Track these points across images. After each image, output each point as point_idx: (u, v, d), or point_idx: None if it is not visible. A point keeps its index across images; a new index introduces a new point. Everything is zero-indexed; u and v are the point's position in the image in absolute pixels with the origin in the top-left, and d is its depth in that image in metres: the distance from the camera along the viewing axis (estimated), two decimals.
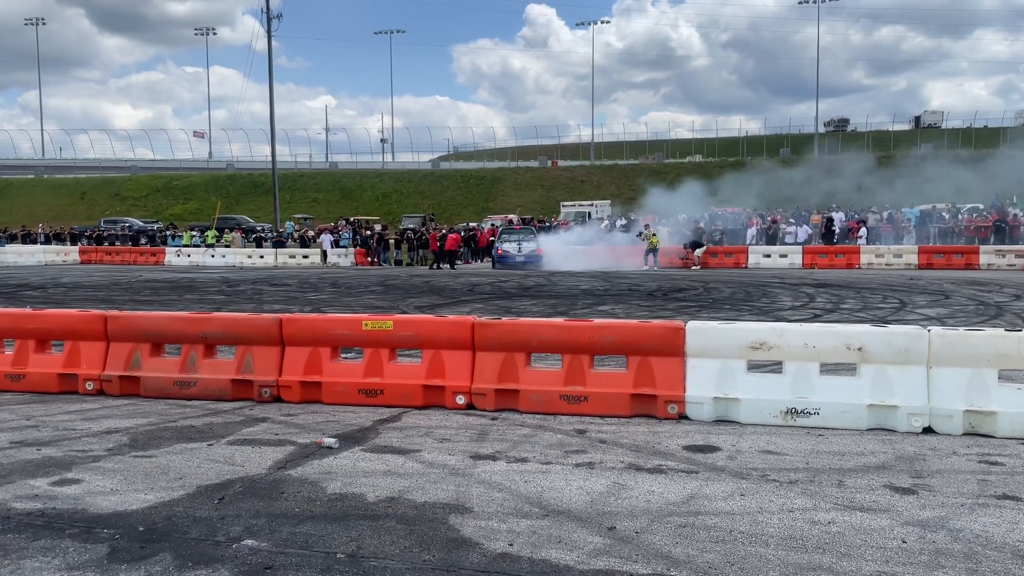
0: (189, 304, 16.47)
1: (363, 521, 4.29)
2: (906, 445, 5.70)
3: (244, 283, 22.73)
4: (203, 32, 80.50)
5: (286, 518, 4.35)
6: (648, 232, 27.98)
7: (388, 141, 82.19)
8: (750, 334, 6.47)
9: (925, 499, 4.59)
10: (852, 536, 4.04)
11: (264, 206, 54.81)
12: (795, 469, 5.19)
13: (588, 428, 6.24)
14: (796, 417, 6.22)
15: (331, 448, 5.70)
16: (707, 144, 75.54)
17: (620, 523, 4.24)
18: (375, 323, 7.17)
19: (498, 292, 18.85)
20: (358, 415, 6.70)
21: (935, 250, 26.51)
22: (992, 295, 16.38)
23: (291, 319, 7.41)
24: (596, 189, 58.55)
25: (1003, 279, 20.49)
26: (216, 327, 7.57)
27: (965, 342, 6.06)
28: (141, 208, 61.44)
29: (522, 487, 4.85)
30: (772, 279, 21.32)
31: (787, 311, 14.17)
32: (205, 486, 4.90)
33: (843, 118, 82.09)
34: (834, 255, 26.99)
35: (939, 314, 13.39)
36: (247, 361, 7.34)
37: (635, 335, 6.75)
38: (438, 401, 6.92)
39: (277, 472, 5.17)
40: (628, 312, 14.18)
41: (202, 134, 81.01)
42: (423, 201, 59.58)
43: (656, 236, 27.41)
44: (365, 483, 4.94)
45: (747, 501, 4.57)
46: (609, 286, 19.84)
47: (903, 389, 6.06)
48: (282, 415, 6.74)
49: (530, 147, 77.69)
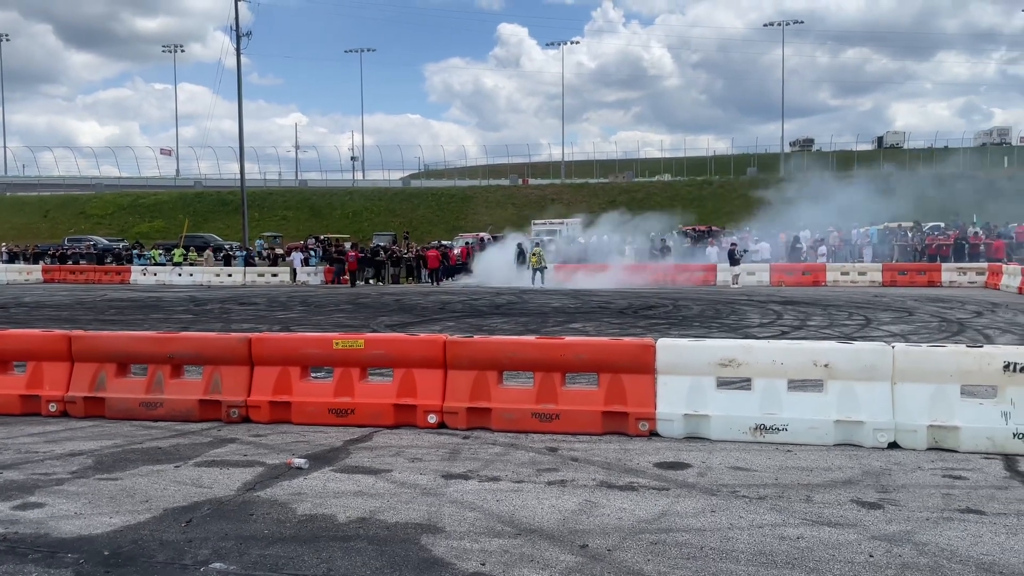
0: (155, 324, 16.24)
1: (334, 542, 4.25)
2: (872, 460, 5.78)
3: (212, 302, 22.47)
4: (171, 49, 79.91)
5: (255, 540, 4.29)
6: (538, 250, 28.84)
7: (358, 159, 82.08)
8: (719, 351, 6.54)
9: (891, 513, 4.66)
10: (820, 551, 4.09)
11: (233, 224, 54.32)
12: (764, 485, 5.24)
13: (560, 446, 6.25)
14: (765, 433, 6.28)
15: (301, 469, 5.64)
16: (676, 163, 76.44)
17: (592, 541, 4.25)
18: (346, 342, 7.13)
19: (469, 310, 18.84)
20: (328, 435, 6.64)
21: (899, 268, 27.06)
22: (954, 312, 16.73)
23: (260, 338, 7.34)
24: (567, 207, 58.86)
25: (965, 296, 20.93)
26: (183, 347, 7.48)
27: (928, 358, 6.18)
28: (106, 226, 60.53)
29: (494, 506, 4.84)
30: (740, 296, 21.56)
31: (755, 328, 14.33)
32: (172, 509, 4.82)
33: (808, 138, 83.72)
34: (801, 273, 27.40)
35: (903, 331, 13.64)
36: (215, 381, 7.25)
37: (606, 353, 6.79)
38: (409, 420, 6.88)
39: (246, 494, 5.11)
40: (599, 330, 14.25)
41: (169, 151, 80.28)
42: (394, 219, 59.44)
43: (535, 256, 28.33)
44: (335, 504, 4.89)
45: (717, 517, 4.61)
46: (580, 304, 19.92)
47: (869, 405, 6.15)
48: (251, 436, 6.66)
49: (501, 165, 78.02)
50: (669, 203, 50.98)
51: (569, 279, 28.64)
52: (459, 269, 33.24)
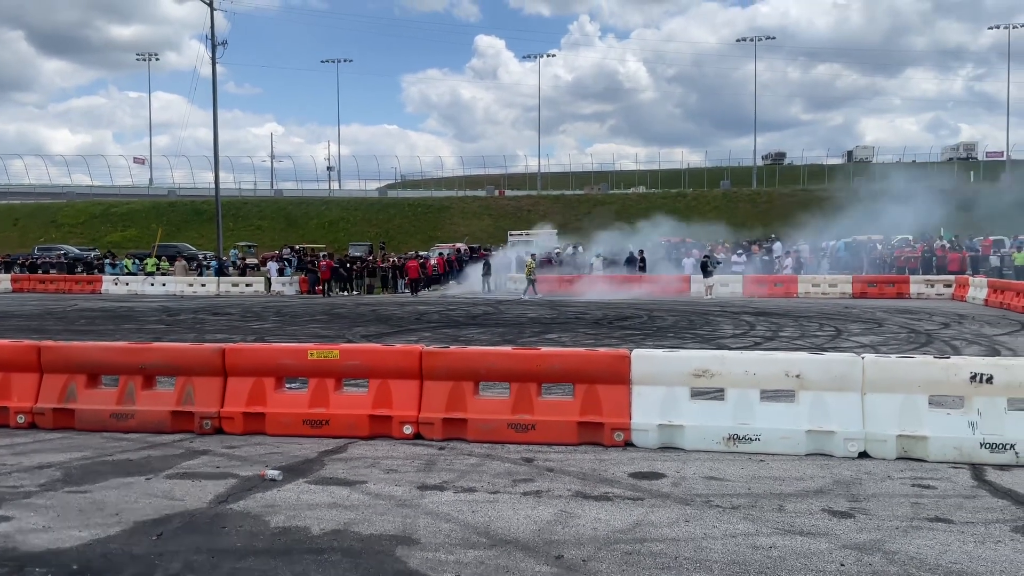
0: (127, 334, 16.03)
1: (308, 555, 4.22)
2: (843, 470, 5.85)
3: (185, 312, 22.23)
4: (145, 57, 79.13)
5: (227, 553, 4.25)
6: (530, 263, 28.97)
7: (335, 169, 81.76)
8: (693, 361, 6.60)
9: (862, 522, 4.72)
10: (793, 560, 4.13)
11: (207, 233, 53.82)
12: (737, 495, 5.28)
13: (536, 456, 6.26)
14: (738, 443, 6.34)
15: (274, 480, 5.60)
16: (651, 175, 77.03)
17: (567, 552, 4.26)
18: (321, 352, 7.10)
19: (446, 320, 18.81)
20: (303, 446, 6.59)
21: (868, 280, 27.43)
22: (922, 323, 17.00)
23: (234, 349, 7.29)
24: (542, 219, 59.00)
25: (932, 308, 21.27)
26: (155, 357, 7.40)
27: (897, 369, 6.28)
28: (78, 235, 59.68)
29: (470, 517, 4.83)
30: (714, 307, 21.74)
31: (729, 339, 14.46)
32: (143, 522, 4.76)
33: (780, 152, 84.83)
34: (773, 284, 27.68)
35: (873, 342, 13.84)
36: (187, 392, 7.18)
37: (582, 363, 6.82)
38: (385, 431, 6.86)
39: (218, 506, 5.06)
40: (575, 340, 14.30)
41: (143, 160, 79.38)
42: (370, 229, 59.26)
43: (528, 268, 28.47)
44: (310, 516, 4.86)
45: (691, 527, 4.64)
46: (556, 314, 19.97)
47: (839, 415, 6.23)
48: (224, 447, 6.60)
49: (478, 176, 78.14)
50: (644, 215, 51.28)
51: (551, 290, 28.79)
52: (437, 280, 33.24)
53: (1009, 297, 20.63)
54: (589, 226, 40.85)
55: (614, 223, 39.31)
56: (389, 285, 32.09)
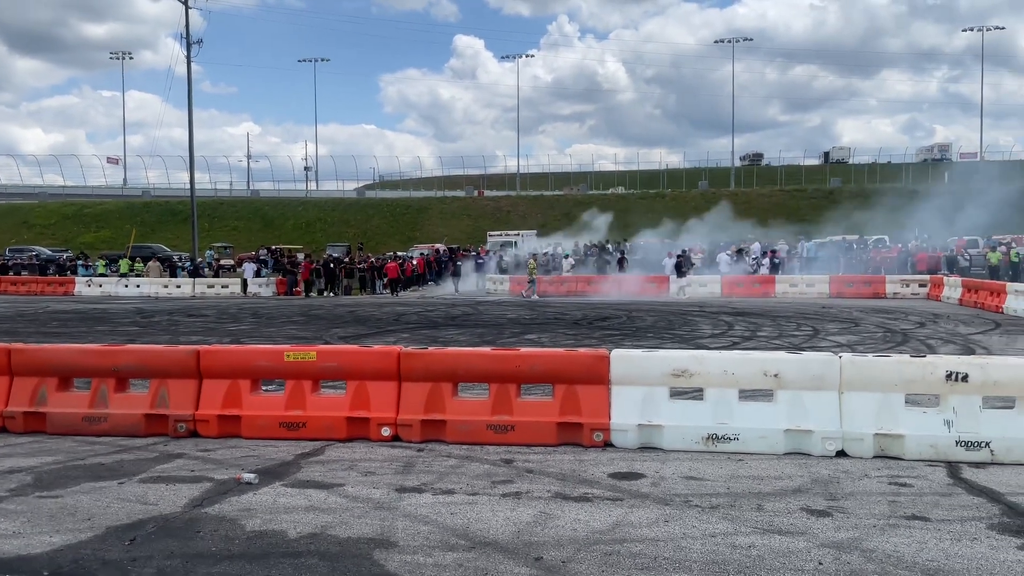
0: (100, 336, 15.81)
1: (284, 559, 4.17)
2: (821, 468, 5.88)
3: (159, 314, 21.97)
4: (119, 56, 78.19)
5: (202, 558, 4.18)
6: (532, 263, 29.33)
7: (312, 169, 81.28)
8: (672, 361, 6.60)
9: (840, 521, 4.74)
10: (771, 559, 4.14)
11: (182, 234, 53.25)
12: (716, 494, 5.29)
13: (515, 458, 6.23)
14: (717, 443, 6.35)
15: (250, 484, 5.52)
16: (629, 176, 77.31)
17: (547, 553, 4.24)
18: (297, 354, 7.02)
19: (424, 322, 18.74)
20: (279, 449, 6.52)
21: (845, 279, 27.67)
22: (898, 323, 17.18)
23: (209, 351, 7.19)
24: (522, 219, 59.09)
25: (908, 307, 21.51)
26: (129, 360, 7.28)
27: (874, 368, 6.32)
28: (50, 236, 58.77)
29: (448, 519, 4.80)
30: (692, 307, 21.84)
31: (707, 339, 14.53)
32: (115, 527, 4.68)
33: (758, 153, 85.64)
34: (751, 284, 27.86)
35: (850, 341, 13.96)
36: (162, 395, 7.08)
37: (561, 363, 6.81)
38: (363, 433, 6.80)
39: (193, 510, 4.98)
40: (554, 341, 14.29)
41: (117, 160, 78.44)
42: (348, 230, 58.94)
43: (530, 268, 28.84)
44: (286, 519, 4.80)
45: (671, 527, 4.64)
46: (535, 315, 19.97)
47: (817, 414, 6.27)
48: (199, 450, 6.51)
49: (457, 177, 78.02)
50: (623, 216, 51.52)
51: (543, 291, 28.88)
52: (417, 280, 33.16)
53: (983, 296, 20.91)
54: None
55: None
56: (367, 286, 31.95)
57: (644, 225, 43.24)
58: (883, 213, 39.63)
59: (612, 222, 45.56)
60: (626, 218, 49.09)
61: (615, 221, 46.46)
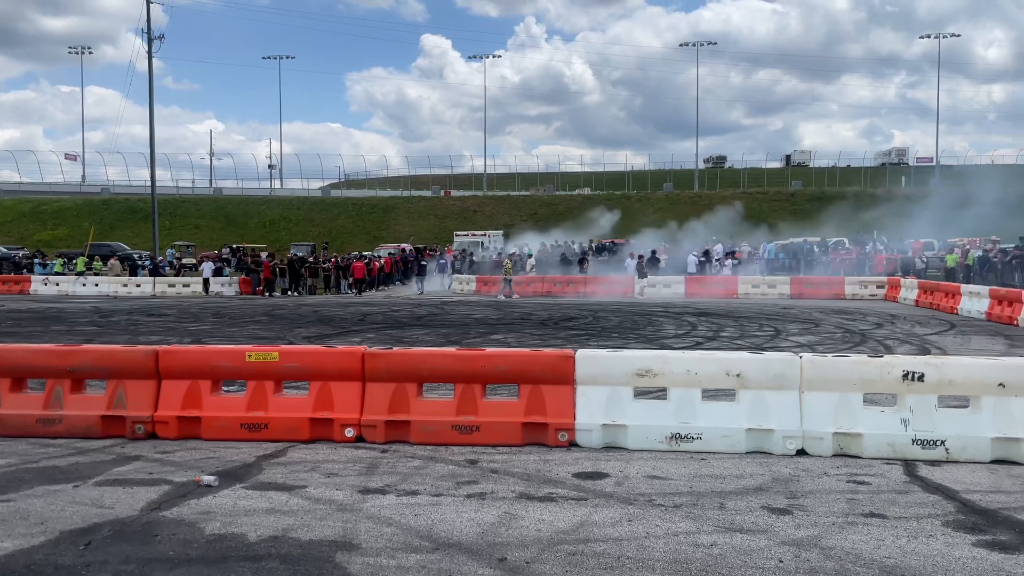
0: (56, 336, 15.46)
1: (244, 563, 4.10)
2: (781, 467, 5.96)
3: (118, 313, 21.55)
4: (78, 51, 76.48)
5: (159, 563, 4.10)
6: (508, 263, 29.57)
7: (276, 167, 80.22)
8: (636, 361, 6.64)
9: (800, 519, 4.80)
10: (733, 558, 4.17)
11: (142, 233, 52.26)
12: (679, 493, 5.33)
13: (480, 458, 6.21)
14: (680, 442, 6.40)
15: (210, 486, 5.43)
16: (595, 177, 77.65)
17: (511, 554, 4.23)
18: (259, 354, 6.93)
19: (390, 322, 18.63)
20: (240, 451, 6.43)
21: (806, 280, 28.13)
22: (857, 323, 17.49)
23: (168, 350, 7.06)
24: (488, 219, 59.03)
25: (866, 308, 21.91)
26: (85, 360, 7.12)
27: (834, 368, 6.42)
28: (5, 234, 57.22)
29: (412, 521, 4.76)
30: (657, 308, 22.01)
31: (671, 339, 14.64)
32: (69, 531, 4.57)
33: (721, 155, 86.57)
34: (714, 285, 28.16)
35: (810, 341, 14.18)
36: (119, 396, 6.93)
37: (526, 363, 6.80)
38: (326, 434, 6.73)
39: (150, 514, 4.88)
40: (520, 341, 14.30)
41: (75, 156, 76.67)
42: (312, 229, 58.34)
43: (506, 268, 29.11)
44: (246, 522, 4.72)
45: (634, 527, 4.66)
46: (501, 315, 19.96)
47: (778, 413, 6.34)
48: (157, 453, 6.39)
49: (423, 176, 77.66)
50: (588, 216, 51.78)
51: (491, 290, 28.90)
52: (384, 280, 32.97)
53: (938, 298, 21.37)
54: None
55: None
56: (332, 285, 31.67)
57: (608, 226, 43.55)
58: (843, 215, 40.38)
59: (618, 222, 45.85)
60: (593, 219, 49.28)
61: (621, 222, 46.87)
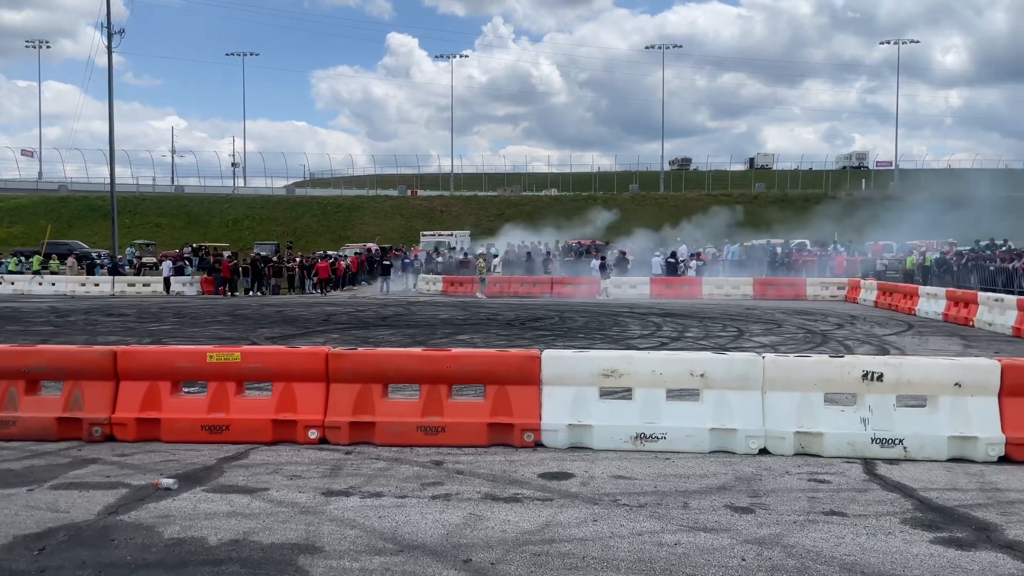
0: (11, 336, 15.08)
1: (204, 567, 4.03)
2: (744, 466, 6.02)
3: (76, 313, 21.09)
4: (35, 45, 74.72)
5: (116, 568, 4.01)
6: (481, 263, 29.92)
7: (239, 165, 79.23)
8: (602, 362, 6.66)
9: (762, 518, 4.85)
10: (696, 556, 4.21)
11: (101, 231, 51.26)
12: (644, 493, 5.35)
13: (445, 459, 6.18)
14: (645, 442, 6.44)
15: (169, 489, 5.34)
16: (562, 178, 77.91)
17: (476, 555, 4.21)
18: (221, 355, 6.82)
19: (355, 322, 18.48)
20: (201, 453, 6.32)
21: (768, 282, 28.50)
22: (818, 324, 17.76)
23: (126, 351, 6.93)
24: (455, 219, 58.91)
25: (827, 309, 22.27)
26: (40, 361, 6.95)
27: (796, 368, 6.51)
28: None
29: (376, 523, 4.72)
30: (623, 308, 22.13)
31: (636, 339, 14.73)
32: (23, 536, 4.45)
33: (686, 157, 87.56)
34: (679, 286, 28.41)
35: (772, 342, 14.36)
36: (75, 397, 6.78)
37: (493, 364, 6.79)
38: (289, 436, 6.65)
39: (107, 517, 4.78)
40: (487, 341, 14.28)
41: (32, 152, 74.92)
42: (276, 228, 57.73)
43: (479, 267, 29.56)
44: (207, 526, 4.65)
45: (599, 526, 4.67)
46: (468, 315, 19.92)
47: (741, 413, 6.41)
48: (115, 455, 6.26)
49: (390, 176, 77.24)
50: (555, 217, 51.96)
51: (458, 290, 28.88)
52: (350, 280, 32.71)
53: (897, 299, 21.80)
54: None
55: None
56: (296, 285, 31.34)
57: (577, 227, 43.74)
58: (804, 217, 41.03)
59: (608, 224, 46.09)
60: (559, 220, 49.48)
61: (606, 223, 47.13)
